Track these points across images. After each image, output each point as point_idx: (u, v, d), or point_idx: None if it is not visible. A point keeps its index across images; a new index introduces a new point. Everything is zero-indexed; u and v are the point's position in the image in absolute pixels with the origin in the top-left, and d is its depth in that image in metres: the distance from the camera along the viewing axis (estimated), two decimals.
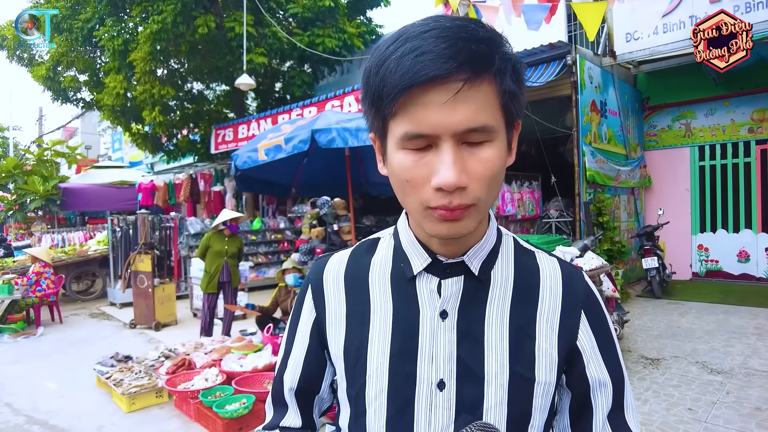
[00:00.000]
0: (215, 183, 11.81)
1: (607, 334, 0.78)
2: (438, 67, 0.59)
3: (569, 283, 0.77)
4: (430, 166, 0.63)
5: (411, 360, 0.73)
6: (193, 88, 12.38)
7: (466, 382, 0.71)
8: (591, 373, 0.75)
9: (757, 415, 3.58)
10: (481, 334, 0.73)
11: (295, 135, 4.55)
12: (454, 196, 0.63)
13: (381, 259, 0.81)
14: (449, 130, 0.61)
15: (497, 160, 0.65)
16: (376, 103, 0.65)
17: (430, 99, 0.60)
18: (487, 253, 0.76)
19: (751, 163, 8.55)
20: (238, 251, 5.90)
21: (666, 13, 7.79)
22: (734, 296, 7.51)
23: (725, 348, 5.12)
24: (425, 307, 0.74)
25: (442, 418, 0.71)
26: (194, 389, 3.92)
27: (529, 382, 0.72)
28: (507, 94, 0.64)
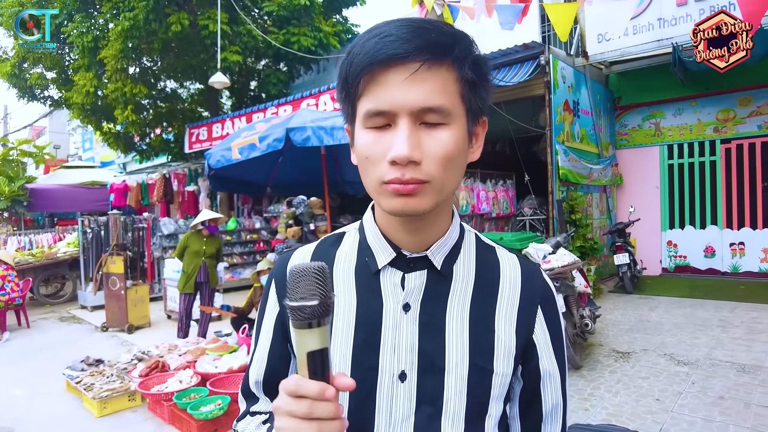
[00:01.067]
0: (189, 183, 11.63)
1: (558, 329, 0.81)
2: (398, 46, 0.63)
3: (528, 280, 0.80)
4: (387, 143, 0.66)
5: (373, 351, 0.74)
6: (166, 86, 12.15)
7: (427, 374, 0.73)
8: (543, 365, 0.78)
9: (720, 403, 3.71)
10: (443, 326, 0.74)
11: (269, 133, 4.51)
12: (407, 169, 0.65)
13: (346, 253, 0.82)
14: (406, 107, 0.64)
15: (453, 143, 0.67)
16: (345, 86, 0.70)
17: (390, 78, 0.64)
18: (450, 248, 0.78)
19: (716, 161, 8.82)
20: (216, 252, 5.85)
21: (635, 15, 7.98)
22: (701, 290, 7.74)
23: (692, 340, 5.28)
24: (388, 299, 0.76)
25: (403, 409, 0.73)
26: (168, 391, 3.87)
27: (488, 374, 0.74)
28: (466, 83, 0.68)
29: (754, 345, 5.03)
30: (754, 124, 8.45)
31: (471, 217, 7.94)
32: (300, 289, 0.58)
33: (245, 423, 0.84)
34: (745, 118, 8.52)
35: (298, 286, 0.58)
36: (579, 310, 4.61)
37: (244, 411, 0.87)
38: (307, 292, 0.58)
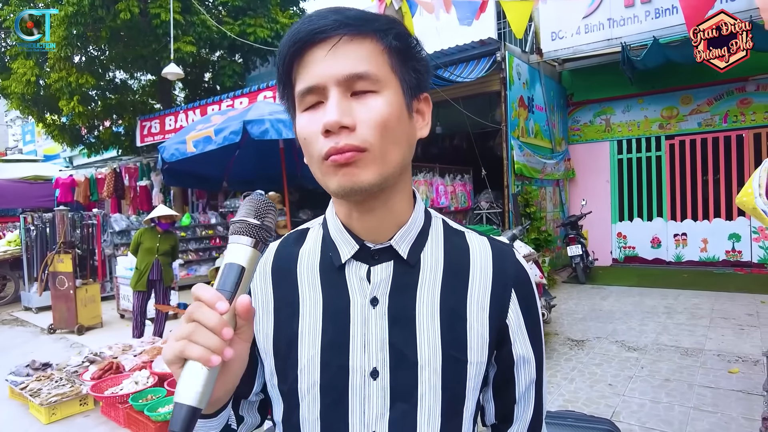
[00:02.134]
0: (141, 177, 11.22)
1: (534, 312, 0.79)
2: (316, 22, 0.65)
3: (499, 261, 0.77)
4: (321, 119, 0.65)
5: (343, 350, 0.72)
6: (115, 76, 11.65)
7: (399, 369, 0.71)
8: (516, 350, 0.76)
9: (666, 385, 3.92)
10: (413, 318, 0.72)
11: (225, 126, 4.39)
12: (341, 136, 0.64)
13: (309, 249, 0.79)
14: (332, 78, 0.64)
15: (387, 109, 0.65)
16: (281, 77, 0.71)
17: (315, 55, 0.65)
18: (416, 236, 0.75)
19: (661, 156, 9.26)
20: (171, 249, 5.69)
21: (586, 15, 8.25)
22: (648, 279, 8.13)
23: (640, 327, 5.54)
24: (355, 295, 0.73)
25: (377, 407, 0.71)
26: (123, 393, 3.73)
27: (463, 364, 0.72)
28: (393, 53, 0.67)
29: (696, 329, 5.33)
30: (695, 122, 8.92)
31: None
32: (243, 209, 0.63)
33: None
34: (687, 116, 8.98)
35: (242, 207, 0.63)
36: None
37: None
38: (245, 212, 0.63)
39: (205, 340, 0.55)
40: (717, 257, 8.77)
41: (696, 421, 3.32)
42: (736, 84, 8.45)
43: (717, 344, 4.82)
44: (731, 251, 8.66)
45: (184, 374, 0.55)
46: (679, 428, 3.24)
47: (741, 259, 8.56)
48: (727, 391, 3.75)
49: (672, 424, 3.29)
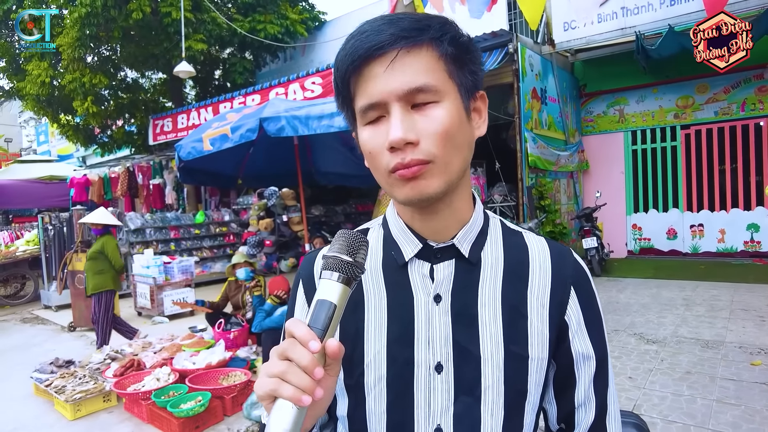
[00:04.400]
0: (154, 176, 11.31)
1: (594, 310, 0.80)
2: (373, 38, 0.65)
3: (558, 260, 0.79)
4: (385, 133, 0.67)
5: (408, 345, 0.74)
6: (127, 76, 11.74)
7: (463, 364, 0.73)
8: (576, 347, 0.77)
9: (687, 378, 3.88)
10: (475, 315, 0.74)
11: (242, 124, 4.40)
12: (407, 152, 0.66)
13: (372, 249, 0.81)
14: (393, 93, 0.66)
15: (448, 119, 0.67)
16: (339, 91, 0.72)
17: (374, 71, 0.66)
18: (476, 235, 0.78)
19: (677, 146, 9.14)
20: (97, 254, 5.31)
21: (601, 3, 8.13)
22: (665, 271, 8.05)
23: (658, 319, 5.49)
24: (419, 292, 0.75)
25: (442, 400, 0.73)
26: (145, 390, 3.78)
27: (524, 360, 0.74)
28: (450, 59, 0.68)
29: (716, 321, 5.27)
30: (711, 111, 8.78)
31: None
32: (337, 245, 0.63)
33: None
34: (703, 105, 8.84)
35: (337, 242, 0.63)
36: None
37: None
38: (338, 248, 0.62)
39: (298, 380, 0.56)
40: (735, 248, 8.65)
41: (719, 414, 3.28)
42: (754, 71, 8.29)
43: (738, 336, 4.77)
44: (750, 242, 8.54)
45: (275, 411, 0.57)
46: (702, 421, 3.21)
47: (760, 250, 8.43)
48: (750, 383, 3.71)
49: (695, 417, 3.26)
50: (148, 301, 7.05)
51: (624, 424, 2.11)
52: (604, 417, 0.80)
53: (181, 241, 9.72)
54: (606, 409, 0.80)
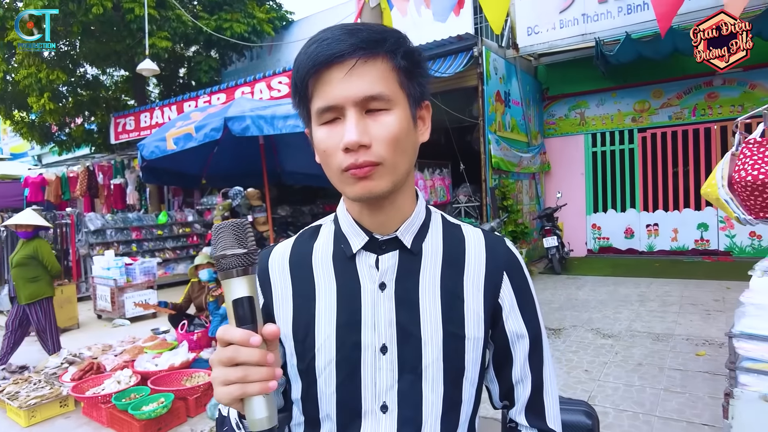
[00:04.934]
0: (115, 175, 11.03)
1: (526, 292, 0.87)
2: (335, 47, 0.70)
3: (492, 249, 0.86)
4: (339, 134, 0.72)
5: (355, 330, 0.79)
6: (87, 72, 11.41)
7: (405, 345, 0.79)
8: (510, 327, 0.84)
9: (639, 369, 4.07)
10: (416, 300, 0.80)
11: (206, 123, 4.37)
12: (360, 154, 0.71)
13: (323, 243, 0.87)
14: (350, 99, 0.71)
15: (398, 126, 0.73)
16: (296, 92, 0.77)
17: (333, 76, 0.71)
18: (418, 228, 0.84)
19: (634, 149, 9.51)
20: (28, 259, 4.85)
21: (561, 10, 8.39)
22: (622, 269, 8.36)
23: (614, 315, 5.71)
24: (365, 281, 0.81)
25: (387, 379, 0.79)
26: (106, 393, 3.71)
27: (461, 339, 0.80)
28: (402, 71, 0.75)
29: (667, 316, 5.52)
30: (666, 115, 9.17)
31: None
32: (221, 242, 0.64)
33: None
34: (658, 109, 9.23)
35: (219, 240, 0.65)
36: None
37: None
38: (226, 244, 0.64)
39: (259, 375, 0.62)
40: (687, 246, 9.06)
41: (666, 401, 3.46)
42: (704, 78, 8.71)
43: (686, 329, 5.02)
44: (700, 240, 8.96)
45: (250, 407, 0.63)
46: (650, 409, 3.38)
47: (709, 248, 8.86)
48: (695, 372, 3.92)
49: (644, 405, 3.43)
50: (109, 303, 6.89)
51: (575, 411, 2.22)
52: (541, 392, 0.87)
53: (143, 242, 9.51)
54: (542, 384, 0.87)
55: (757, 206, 1.57)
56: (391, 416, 0.79)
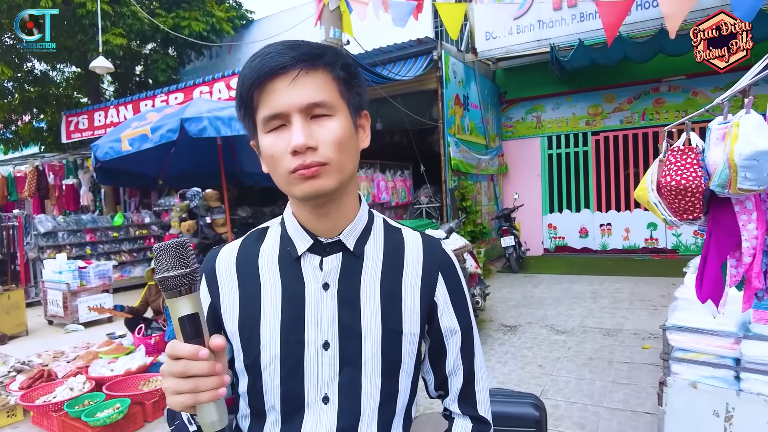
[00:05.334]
0: (68, 176, 10.63)
1: (459, 291, 0.94)
2: (278, 60, 0.76)
3: (429, 251, 0.93)
4: (286, 140, 0.77)
5: (299, 327, 0.84)
6: (35, 68, 10.95)
7: (347, 341, 0.84)
8: (444, 322, 0.92)
9: (589, 363, 4.26)
10: (358, 299, 0.86)
11: (162, 124, 4.30)
12: (307, 155, 0.76)
13: (270, 245, 0.91)
14: (295, 106, 0.76)
15: (341, 129, 0.79)
16: (242, 103, 0.81)
17: (277, 86, 0.77)
18: (361, 231, 0.90)
19: (588, 151, 9.88)
20: None
21: (517, 17, 8.64)
22: (577, 267, 8.67)
23: (568, 311, 5.94)
24: (310, 281, 0.86)
25: (328, 372, 0.84)
26: (57, 401, 3.60)
27: (399, 335, 0.86)
28: (341, 81, 0.81)
29: (617, 312, 5.79)
30: (617, 119, 9.58)
31: (371, 206, 8.12)
32: (163, 263, 0.68)
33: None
34: (611, 113, 9.62)
35: (160, 261, 0.68)
36: (470, 289, 4.99)
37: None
38: (168, 265, 0.67)
39: (209, 384, 0.68)
40: (637, 245, 9.49)
41: (613, 392, 3.65)
42: (652, 84, 9.15)
43: (634, 324, 5.27)
44: (650, 239, 9.40)
45: (202, 412, 0.69)
46: (599, 400, 3.55)
47: (658, 246, 9.31)
48: (640, 364, 4.14)
49: (593, 397, 3.60)
50: (61, 308, 6.65)
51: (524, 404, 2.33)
52: (472, 382, 0.95)
53: (97, 244, 9.21)
54: (473, 376, 0.95)
55: (681, 209, 1.71)
56: (332, 407, 0.84)
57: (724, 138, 1.53)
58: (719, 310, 1.68)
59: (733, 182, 1.42)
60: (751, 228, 1.52)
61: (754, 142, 1.36)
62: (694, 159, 1.62)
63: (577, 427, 3.21)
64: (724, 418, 2.11)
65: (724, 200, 1.61)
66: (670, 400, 2.25)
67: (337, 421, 0.84)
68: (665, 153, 1.80)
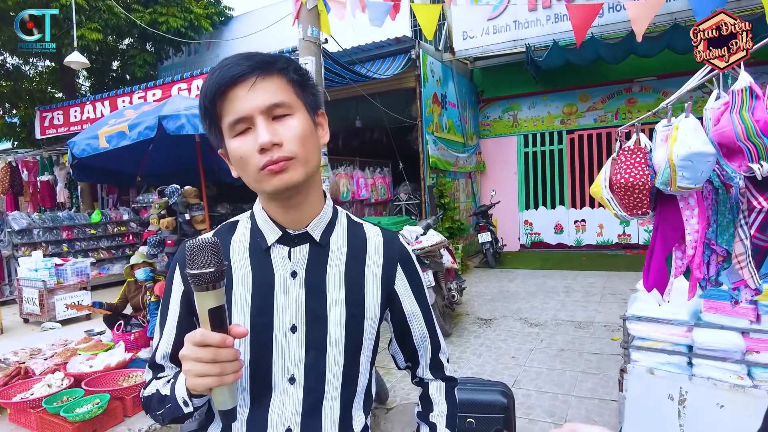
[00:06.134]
0: (42, 172, 10.46)
1: (416, 279, 1.05)
2: (236, 69, 0.84)
3: (388, 244, 1.03)
4: (252, 140, 0.84)
5: (268, 312, 0.91)
6: (6, 61, 10.72)
7: (313, 324, 0.92)
8: (406, 307, 1.03)
9: (561, 354, 4.42)
10: (323, 286, 0.94)
11: (140, 121, 4.30)
12: (274, 151, 0.83)
13: (240, 237, 0.99)
14: (257, 109, 0.83)
15: (301, 126, 0.87)
16: (208, 112, 0.88)
17: (237, 93, 0.84)
18: (326, 224, 0.98)
19: (563, 149, 10.10)
20: None
21: (492, 17, 8.78)
22: (551, 262, 8.89)
23: (542, 305, 6.11)
24: (279, 270, 0.93)
25: (295, 354, 0.91)
26: (35, 397, 3.60)
27: (361, 319, 0.95)
28: (295, 84, 0.89)
29: (589, 305, 5.98)
30: (591, 118, 9.81)
31: (351, 203, 8.24)
32: (199, 260, 0.73)
33: (151, 386, 0.97)
34: (585, 113, 9.85)
35: (196, 257, 0.74)
36: (447, 284, 5.12)
37: (149, 380, 0.99)
38: (204, 262, 0.73)
39: (233, 368, 0.76)
40: (611, 240, 9.75)
41: (582, 382, 3.81)
42: (624, 85, 9.40)
43: (605, 317, 5.46)
44: (622, 235, 9.67)
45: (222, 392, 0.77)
46: (568, 390, 3.70)
47: (630, 242, 9.58)
48: (609, 355, 4.32)
49: (563, 387, 3.75)
50: (37, 306, 6.58)
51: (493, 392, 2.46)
52: (438, 352, 1.10)
53: (74, 241, 9.09)
54: (439, 346, 1.10)
55: (630, 204, 1.84)
56: (297, 387, 0.92)
57: (666, 139, 1.65)
58: (664, 298, 1.82)
59: (673, 181, 1.55)
60: (693, 222, 1.65)
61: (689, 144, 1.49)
62: (642, 158, 1.75)
63: (547, 415, 3.35)
64: (678, 401, 2.25)
65: (669, 197, 1.74)
66: (630, 386, 2.39)
67: (303, 400, 0.92)
68: (617, 152, 1.93)
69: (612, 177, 1.86)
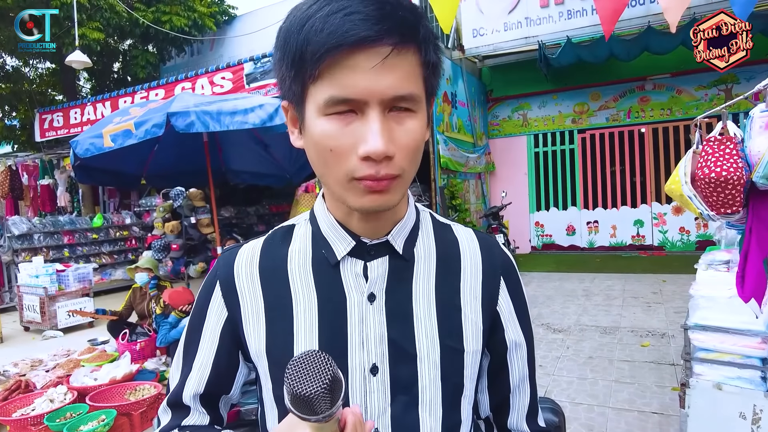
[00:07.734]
0: (43, 176, 10.26)
1: (522, 298, 0.81)
2: (368, 28, 0.57)
3: (487, 251, 0.79)
4: (356, 134, 0.60)
5: (341, 350, 0.69)
6: (6, 63, 10.53)
7: (399, 363, 0.70)
8: (509, 335, 0.78)
9: (590, 362, 4.20)
10: (410, 312, 0.71)
11: (147, 119, 4.09)
12: (381, 165, 0.60)
13: (299, 247, 0.76)
14: (377, 96, 0.59)
15: (420, 132, 0.64)
16: (296, 64, 0.61)
17: (358, 62, 0.58)
18: (410, 231, 0.75)
19: (574, 149, 9.89)
20: None
21: (510, 10, 8.57)
22: (565, 265, 8.67)
23: (563, 310, 5.89)
24: (351, 292, 0.71)
25: (378, 403, 0.69)
26: (36, 414, 3.39)
27: (460, 354, 0.72)
28: (429, 66, 0.64)
29: (611, 309, 5.76)
30: (603, 117, 9.61)
31: None
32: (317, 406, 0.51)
33: None
34: (596, 111, 9.65)
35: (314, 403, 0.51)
36: None
37: (170, 424, 0.76)
38: (323, 408, 0.51)
39: None
40: (624, 242, 9.53)
41: (617, 392, 3.58)
42: (637, 83, 9.20)
43: (630, 321, 5.24)
44: (636, 236, 9.46)
45: None
46: (603, 400, 3.48)
47: (644, 243, 9.37)
48: (641, 363, 4.09)
49: (597, 397, 3.53)
50: (38, 313, 6.37)
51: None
52: (536, 397, 0.83)
53: (76, 246, 8.89)
54: (536, 390, 0.84)
55: (718, 202, 1.62)
56: None
57: (767, 127, 1.44)
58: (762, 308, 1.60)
59: None
60: None
61: None
62: (733, 149, 1.54)
63: (585, 429, 3.13)
64: (752, 420, 2.04)
65: (764, 193, 1.53)
66: (693, 403, 2.17)
67: None
68: (697, 144, 1.71)
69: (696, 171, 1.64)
